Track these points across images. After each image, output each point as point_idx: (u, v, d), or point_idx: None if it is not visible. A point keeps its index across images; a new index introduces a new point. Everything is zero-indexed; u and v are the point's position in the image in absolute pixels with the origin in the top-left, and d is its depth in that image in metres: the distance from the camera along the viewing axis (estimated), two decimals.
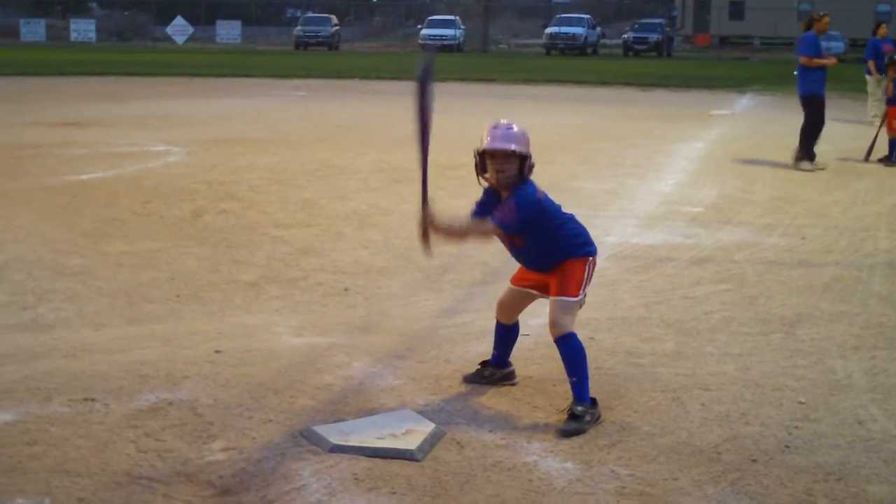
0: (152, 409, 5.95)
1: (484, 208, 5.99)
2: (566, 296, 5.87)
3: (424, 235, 5.89)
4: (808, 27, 17.04)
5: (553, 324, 5.88)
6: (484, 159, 5.91)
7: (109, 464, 5.21)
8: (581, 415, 5.75)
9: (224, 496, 4.90)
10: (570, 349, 5.86)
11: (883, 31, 23.93)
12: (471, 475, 5.16)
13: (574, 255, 5.96)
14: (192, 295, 8.45)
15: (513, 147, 5.78)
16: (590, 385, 5.89)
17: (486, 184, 6.05)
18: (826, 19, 16.89)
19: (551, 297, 5.93)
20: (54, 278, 8.85)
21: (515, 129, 5.87)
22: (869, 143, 17.57)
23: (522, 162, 5.82)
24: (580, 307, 5.99)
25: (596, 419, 5.82)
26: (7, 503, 4.79)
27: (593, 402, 5.87)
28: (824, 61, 17.00)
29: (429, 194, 5.87)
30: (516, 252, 6.13)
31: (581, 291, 5.91)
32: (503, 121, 5.96)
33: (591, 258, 6.01)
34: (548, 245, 5.94)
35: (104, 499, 4.84)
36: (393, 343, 7.26)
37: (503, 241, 6.10)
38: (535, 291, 6.15)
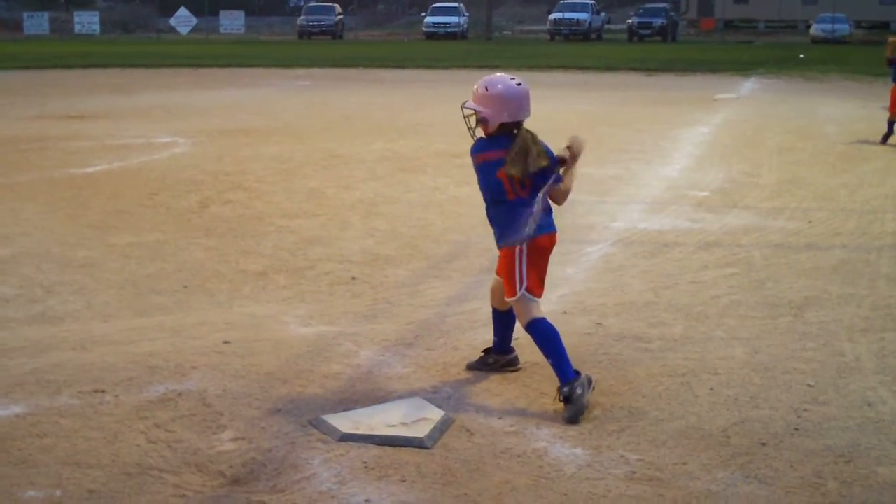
0: (161, 400, 5.96)
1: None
2: (509, 297, 6.00)
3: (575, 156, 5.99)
4: None
5: (517, 317, 6.08)
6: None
7: (119, 455, 5.22)
8: (570, 394, 5.72)
9: (234, 486, 4.91)
10: (538, 334, 5.92)
11: None
12: (480, 462, 5.17)
13: (498, 242, 6.06)
14: (200, 286, 8.46)
15: (469, 104, 5.96)
16: (598, 370, 5.87)
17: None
18: None
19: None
20: (62, 271, 8.86)
21: (478, 84, 5.97)
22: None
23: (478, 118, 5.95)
24: (534, 294, 5.97)
25: (588, 386, 5.78)
26: (18, 495, 4.81)
27: (576, 373, 5.84)
28: None
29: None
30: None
31: (517, 290, 5.93)
32: (490, 76, 6.05)
33: (511, 248, 5.97)
34: (492, 216, 6.10)
35: (114, 490, 4.85)
36: (401, 331, 7.27)
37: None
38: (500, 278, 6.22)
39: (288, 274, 8.84)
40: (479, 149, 5.98)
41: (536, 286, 5.98)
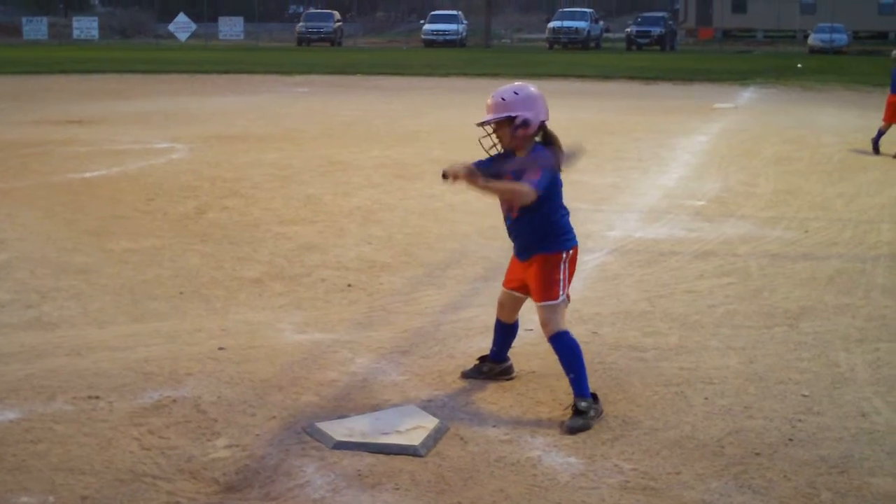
0: (156, 406, 5.95)
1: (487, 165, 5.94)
2: (549, 300, 5.91)
3: (455, 177, 5.78)
4: None
5: (543, 324, 5.94)
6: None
7: (113, 461, 5.22)
8: (585, 410, 5.76)
9: (227, 493, 4.91)
10: (564, 347, 5.89)
11: None
12: (474, 470, 5.16)
13: (548, 249, 5.94)
14: (196, 292, 8.46)
15: (488, 118, 5.84)
16: (593, 379, 5.89)
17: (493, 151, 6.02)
18: None
19: (536, 303, 5.97)
20: (58, 276, 8.86)
21: (497, 98, 5.87)
22: None
23: (511, 123, 5.82)
24: (566, 305, 6.00)
25: (599, 413, 5.84)
26: (12, 501, 4.80)
27: (594, 396, 5.88)
28: None
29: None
30: (510, 222, 6.06)
31: (562, 292, 5.92)
32: (501, 87, 5.99)
33: (565, 253, 5.97)
34: (531, 224, 5.92)
35: (108, 496, 4.85)
36: (396, 339, 7.26)
37: (503, 208, 6.05)
38: (519, 294, 6.17)
39: (284, 281, 8.84)
40: (547, 154, 5.91)
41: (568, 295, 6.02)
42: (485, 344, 6.87)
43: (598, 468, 5.21)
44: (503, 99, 5.85)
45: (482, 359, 6.49)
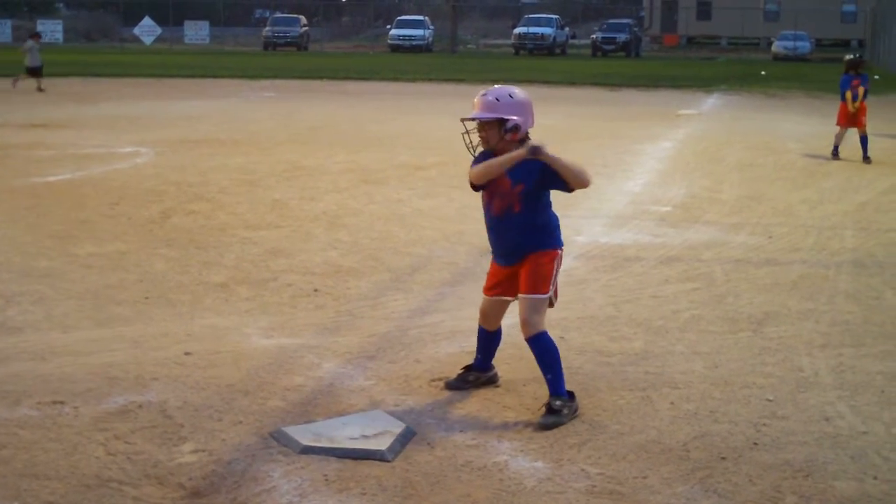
0: (121, 411, 5.92)
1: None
2: (537, 293, 5.89)
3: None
4: None
5: (524, 323, 5.91)
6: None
7: (79, 467, 5.19)
8: (559, 408, 5.79)
9: (194, 498, 4.89)
10: (543, 348, 5.91)
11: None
12: (441, 475, 5.17)
13: (544, 245, 5.96)
14: (161, 297, 8.42)
15: (474, 114, 5.87)
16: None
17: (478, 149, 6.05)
18: None
19: (521, 295, 5.93)
20: (21, 281, 8.79)
21: (491, 97, 5.88)
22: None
23: (501, 125, 5.85)
24: (551, 305, 6.02)
25: (573, 412, 5.86)
26: None
27: (570, 395, 5.91)
28: None
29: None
30: (501, 222, 6.03)
31: (550, 287, 5.93)
32: (494, 87, 6.01)
33: (560, 250, 6.03)
34: (534, 219, 5.94)
35: (74, 502, 4.82)
36: (363, 344, 7.26)
37: (499, 205, 6.00)
38: (507, 297, 6.15)
39: (250, 285, 8.82)
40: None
41: (555, 294, 6.06)
42: (452, 349, 6.90)
43: (564, 473, 5.22)
44: (497, 99, 5.86)
45: (467, 368, 6.45)
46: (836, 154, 17.59)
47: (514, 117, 5.85)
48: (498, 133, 5.86)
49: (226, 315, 7.96)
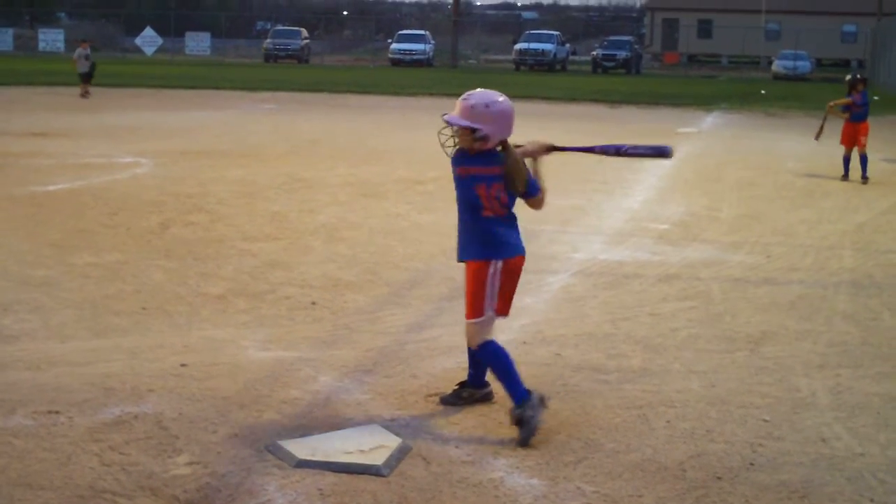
0: (117, 422, 5.91)
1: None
2: (467, 319, 6.00)
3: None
4: None
5: (467, 339, 6.06)
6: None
7: (73, 477, 5.17)
8: (521, 416, 5.76)
9: None
10: (488, 356, 5.98)
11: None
12: (437, 491, 5.16)
13: (476, 255, 6.00)
14: (159, 308, 8.42)
15: (446, 118, 5.93)
16: (555, 401, 5.88)
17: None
18: None
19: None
20: (19, 289, 8.79)
21: (468, 102, 5.91)
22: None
23: (473, 132, 5.88)
24: (501, 314, 6.04)
25: (538, 407, 5.79)
26: None
27: (528, 393, 5.85)
28: None
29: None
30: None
31: (482, 311, 5.94)
32: (477, 91, 6.05)
33: (490, 262, 5.96)
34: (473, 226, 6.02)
35: None
36: (360, 358, 7.25)
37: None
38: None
39: (247, 298, 8.81)
40: (462, 162, 5.96)
41: (505, 306, 6.05)
42: (449, 364, 6.89)
43: (560, 490, 5.21)
44: (472, 106, 5.87)
45: (461, 384, 6.43)
46: (846, 175, 17.54)
47: (484, 127, 5.84)
48: (470, 138, 5.89)
49: (223, 327, 7.95)
